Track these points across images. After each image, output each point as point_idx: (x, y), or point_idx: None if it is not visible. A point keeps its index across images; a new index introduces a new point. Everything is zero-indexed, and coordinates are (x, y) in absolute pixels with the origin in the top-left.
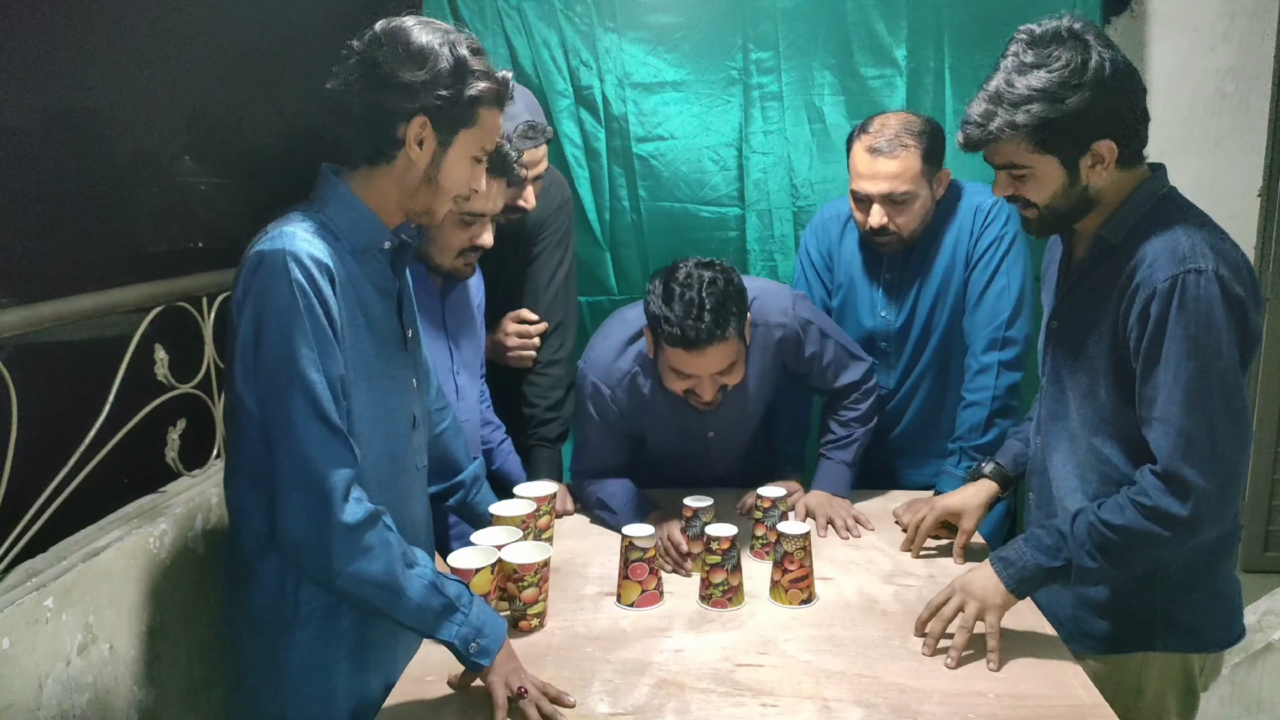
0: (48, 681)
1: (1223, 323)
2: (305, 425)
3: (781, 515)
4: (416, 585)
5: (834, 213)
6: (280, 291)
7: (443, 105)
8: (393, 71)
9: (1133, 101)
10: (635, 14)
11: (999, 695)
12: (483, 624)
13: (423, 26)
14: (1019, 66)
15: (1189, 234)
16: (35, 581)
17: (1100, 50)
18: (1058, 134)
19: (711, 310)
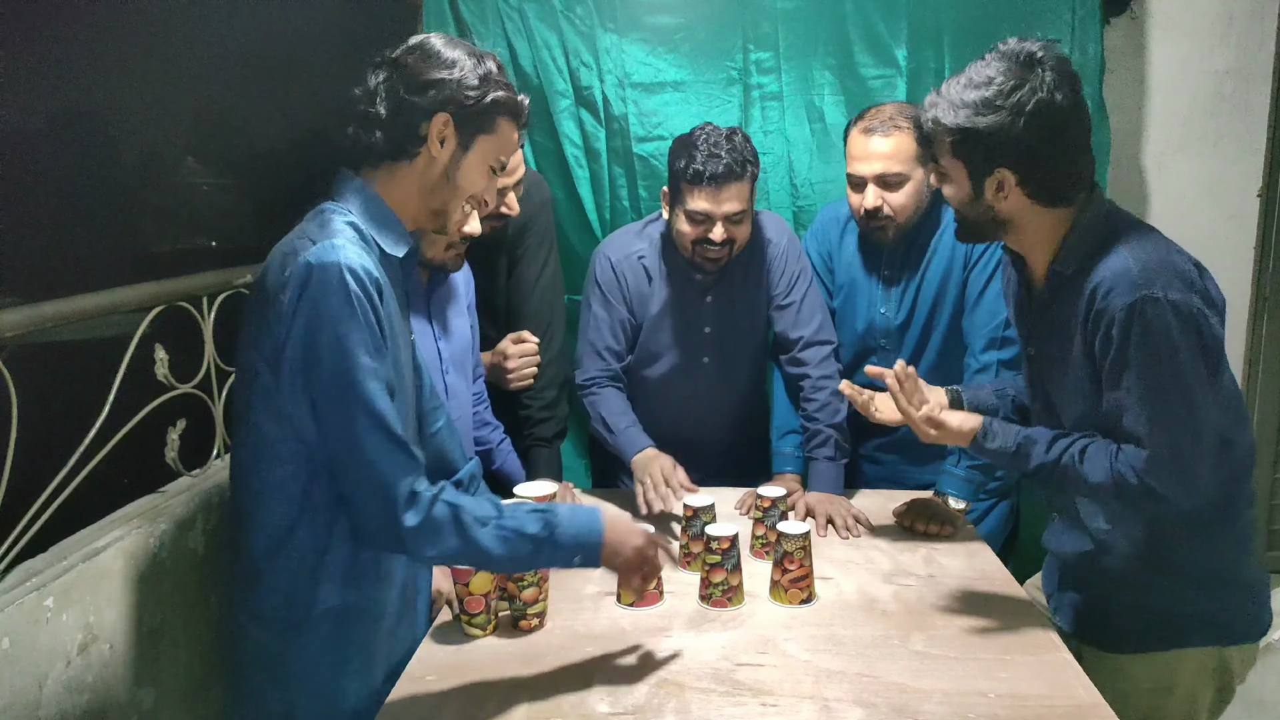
0: (48, 681)
1: (1179, 344)
2: (368, 436)
3: (781, 515)
4: (496, 541)
5: (833, 215)
6: (338, 304)
7: (465, 106)
8: (420, 71)
9: (1050, 142)
10: (635, 14)
11: (999, 695)
12: (575, 536)
13: (445, 39)
14: (973, 73)
15: (1138, 257)
16: (35, 581)
17: (1041, 85)
18: (967, 146)
19: (730, 151)
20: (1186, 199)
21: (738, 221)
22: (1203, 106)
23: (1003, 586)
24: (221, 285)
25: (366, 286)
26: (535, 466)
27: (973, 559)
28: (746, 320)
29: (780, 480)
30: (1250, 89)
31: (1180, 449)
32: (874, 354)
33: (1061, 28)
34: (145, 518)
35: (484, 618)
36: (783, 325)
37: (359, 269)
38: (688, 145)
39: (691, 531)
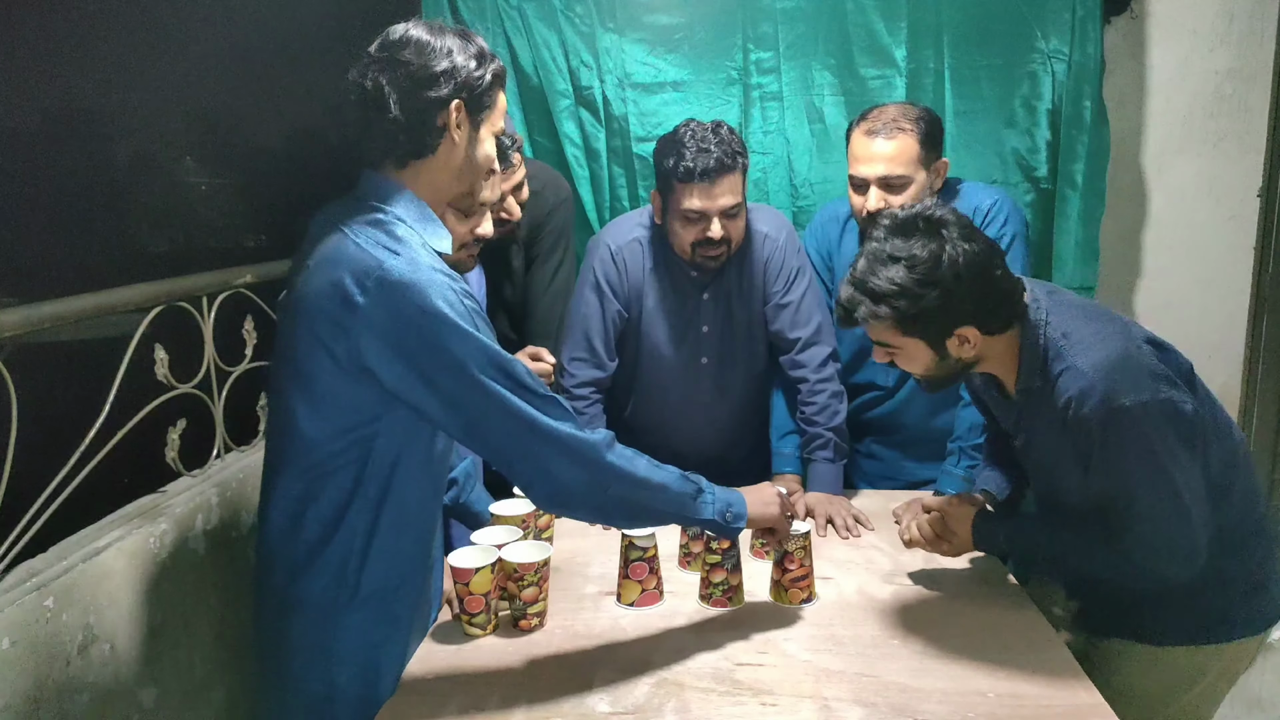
0: (48, 681)
1: (1155, 440)
2: (522, 396)
3: None
4: (673, 477)
5: (832, 214)
6: (446, 308)
7: (472, 89)
8: (424, 67)
9: (989, 287)
10: (635, 14)
11: (999, 695)
12: (728, 496)
13: (429, 27)
14: (880, 256)
15: (1094, 365)
16: (35, 581)
17: (955, 242)
18: (918, 324)
19: (719, 144)
20: (1186, 199)
21: (733, 215)
22: (1203, 106)
23: (1002, 586)
24: (221, 285)
25: (458, 287)
26: None
27: (973, 559)
28: (745, 319)
29: (780, 481)
30: (1250, 89)
31: (1167, 531)
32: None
33: (1061, 28)
34: (145, 518)
35: (484, 617)
36: (780, 324)
37: (446, 274)
38: (674, 143)
39: (691, 532)
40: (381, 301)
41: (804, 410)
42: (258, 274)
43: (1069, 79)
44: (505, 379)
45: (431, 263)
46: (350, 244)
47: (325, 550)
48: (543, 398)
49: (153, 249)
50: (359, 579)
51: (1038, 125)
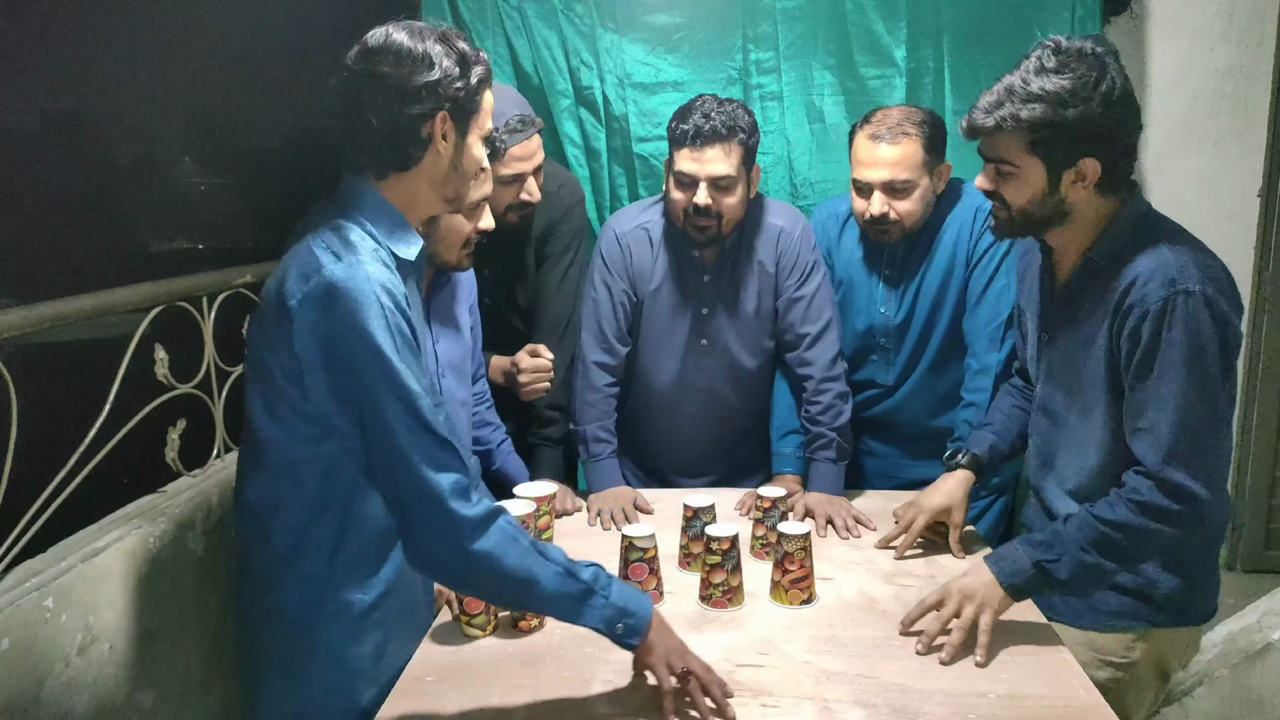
0: (47, 682)
1: (1210, 340)
2: (412, 438)
3: (782, 515)
4: (549, 573)
5: (832, 212)
6: (370, 316)
7: (457, 98)
8: (407, 78)
9: (1128, 131)
10: (635, 14)
11: (999, 696)
12: (626, 602)
13: (410, 32)
14: (1038, 69)
15: (1175, 253)
16: (35, 582)
17: (1114, 76)
18: (1052, 139)
19: (722, 115)
20: (1186, 198)
21: (724, 188)
22: (1203, 105)
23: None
24: (221, 285)
25: (397, 300)
26: (539, 467)
27: (972, 558)
28: (750, 308)
29: (780, 481)
30: (1250, 88)
31: (1201, 439)
32: (874, 353)
33: (1061, 27)
34: (145, 518)
35: (484, 618)
36: (791, 318)
37: (387, 284)
38: (684, 110)
39: (691, 532)
40: (312, 305)
41: (808, 409)
42: (258, 274)
43: None
44: (406, 413)
45: (374, 273)
46: (304, 247)
47: (295, 563)
48: (439, 441)
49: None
50: (327, 595)
51: None
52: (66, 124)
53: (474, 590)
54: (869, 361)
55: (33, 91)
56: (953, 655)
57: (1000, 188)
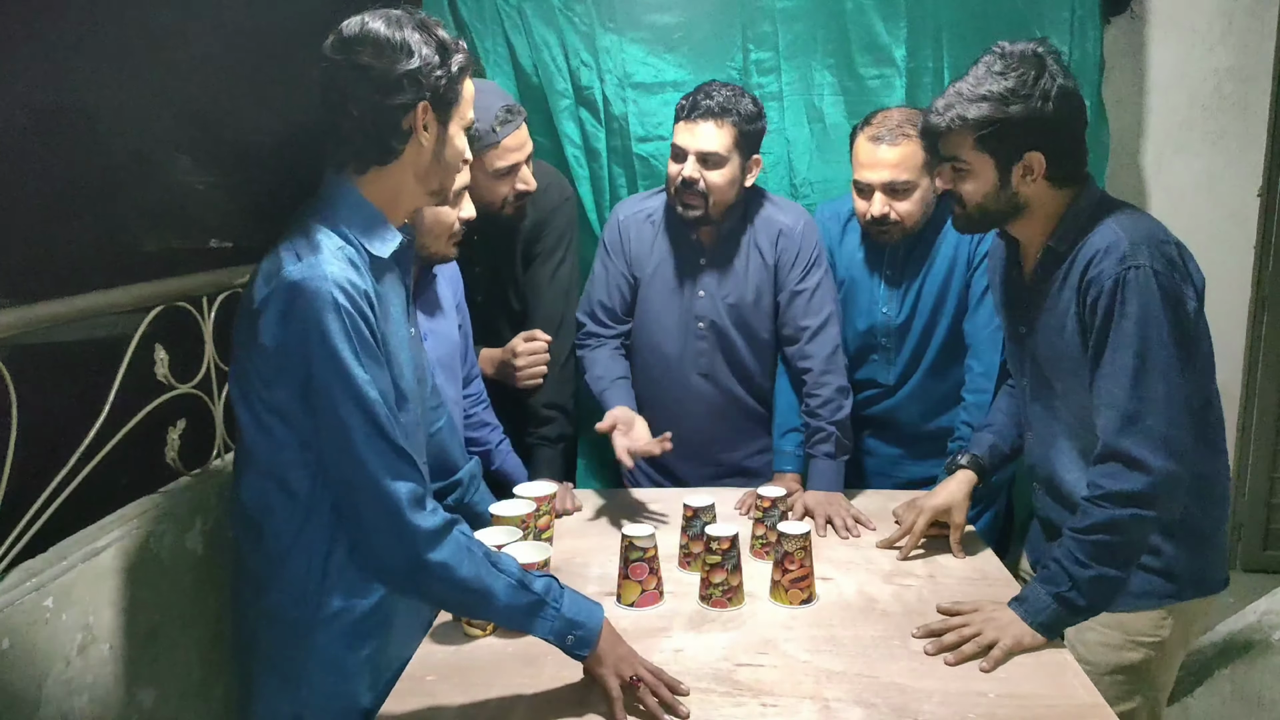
0: (47, 682)
1: (1160, 313)
2: (368, 444)
3: (781, 515)
4: (502, 585)
5: (833, 212)
6: (327, 318)
7: (438, 87)
8: (387, 68)
9: (1069, 126)
10: (635, 14)
11: (999, 695)
12: (577, 614)
13: (388, 20)
14: (985, 72)
15: (1126, 232)
16: (35, 582)
17: (1053, 74)
18: (997, 135)
19: (722, 96)
20: (1186, 198)
21: (712, 165)
22: (1202, 105)
23: (1002, 587)
24: (221, 285)
25: (356, 300)
26: (537, 466)
27: (972, 559)
28: (750, 299)
29: (780, 480)
30: (1250, 88)
31: (1158, 410)
32: (875, 353)
33: (1061, 27)
34: (145, 518)
35: None
36: (793, 312)
37: (346, 284)
38: (693, 90)
39: (691, 532)
40: (272, 305)
41: (808, 403)
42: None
43: None
44: (363, 419)
45: (334, 271)
46: (274, 250)
47: (287, 565)
48: (395, 450)
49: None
50: (321, 598)
51: None
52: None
53: (426, 599)
54: (870, 361)
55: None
56: (960, 660)
57: (957, 185)
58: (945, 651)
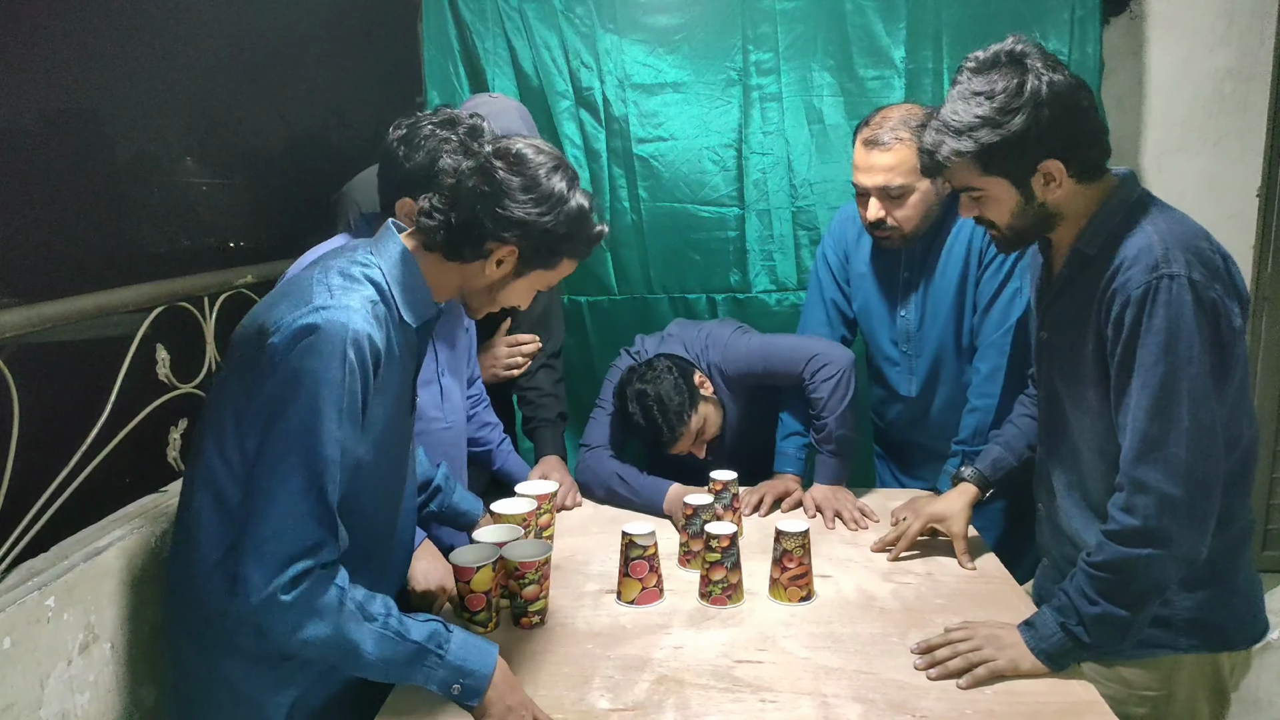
0: (49, 681)
1: (1194, 328)
2: (301, 497)
3: (703, 523)
4: (372, 639)
5: (850, 214)
6: (331, 368)
7: (539, 246)
8: (507, 193)
9: (1076, 119)
10: (635, 15)
11: (996, 692)
12: (464, 662)
13: (549, 160)
14: (964, 94)
15: (1162, 237)
16: (37, 581)
17: (1039, 72)
18: (1001, 157)
19: (662, 416)
20: (1186, 198)
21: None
22: (1202, 106)
23: (1000, 585)
24: (222, 285)
25: (365, 359)
26: (542, 445)
27: (981, 562)
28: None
29: (780, 480)
30: (1250, 88)
31: (1181, 436)
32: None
33: (1061, 28)
34: (146, 517)
35: (485, 615)
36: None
37: (364, 340)
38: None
39: (691, 530)
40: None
41: (811, 407)
42: (259, 274)
43: None
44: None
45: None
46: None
47: (210, 580)
48: (313, 511)
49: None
50: (238, 631)
51: None
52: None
53: (298, 652)
54: (889, 373)
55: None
56: (941, 675)
57: (981, 212)
58: (935, 666)
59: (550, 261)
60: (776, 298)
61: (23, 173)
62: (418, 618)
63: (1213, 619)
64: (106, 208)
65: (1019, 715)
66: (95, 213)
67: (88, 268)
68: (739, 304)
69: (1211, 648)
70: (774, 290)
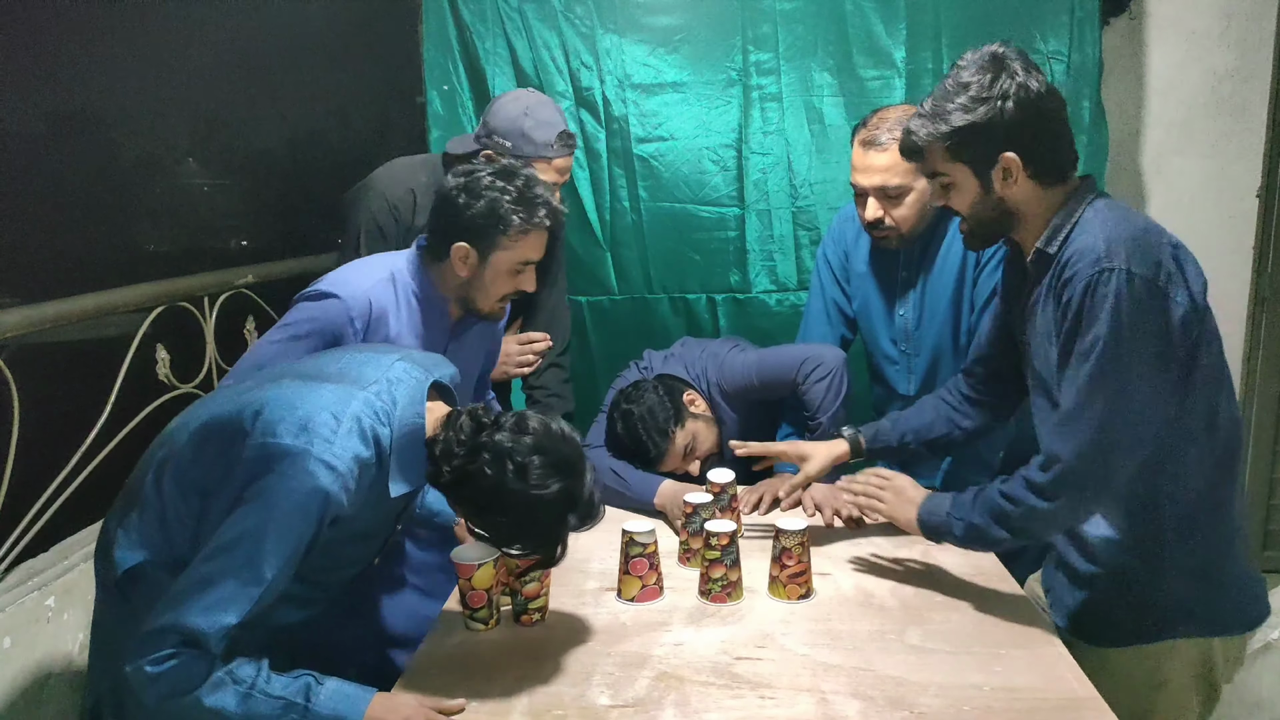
0: (49, 680)
1: (1130, 318)
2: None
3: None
4: (235, 699)
5: (850, 214)
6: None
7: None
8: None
9: (1038, 120)
10: (635, 16)
11: (994, 688)
12: (334, 711)
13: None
14: (946, 87)
15: (1106, 233)
16: (37, 581)
17: (1016, 73)
18: (966, 142)
19: (646, 435)
20: (1185, 200)
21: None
22: (1201, 107)
23: (998, 582)
24: (222, 286)
25: (324, 521)
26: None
27: (968, 555)
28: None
29: (779, 479)
30: (1249, 90)
31: (1096, 417)
32: (894, 363)
33: (1060, 28)
34: None
35: (486, 612)
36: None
37: (334, 504)
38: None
39: (691, 528)
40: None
41: (805, 409)
42: (259, 274)
43: (1068, 80)
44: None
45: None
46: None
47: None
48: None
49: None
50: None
51: None
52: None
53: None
54: (888, 371)
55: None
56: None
57: (947, 199)
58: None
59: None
60: (777, 298)
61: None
62: (292, 675)
63: (1204, 607)
64: (108, 208)
65: (1016, 712)
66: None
67: (88, 268)
68: (739, 304)
69: (1205, 632)
70: (774, 290)
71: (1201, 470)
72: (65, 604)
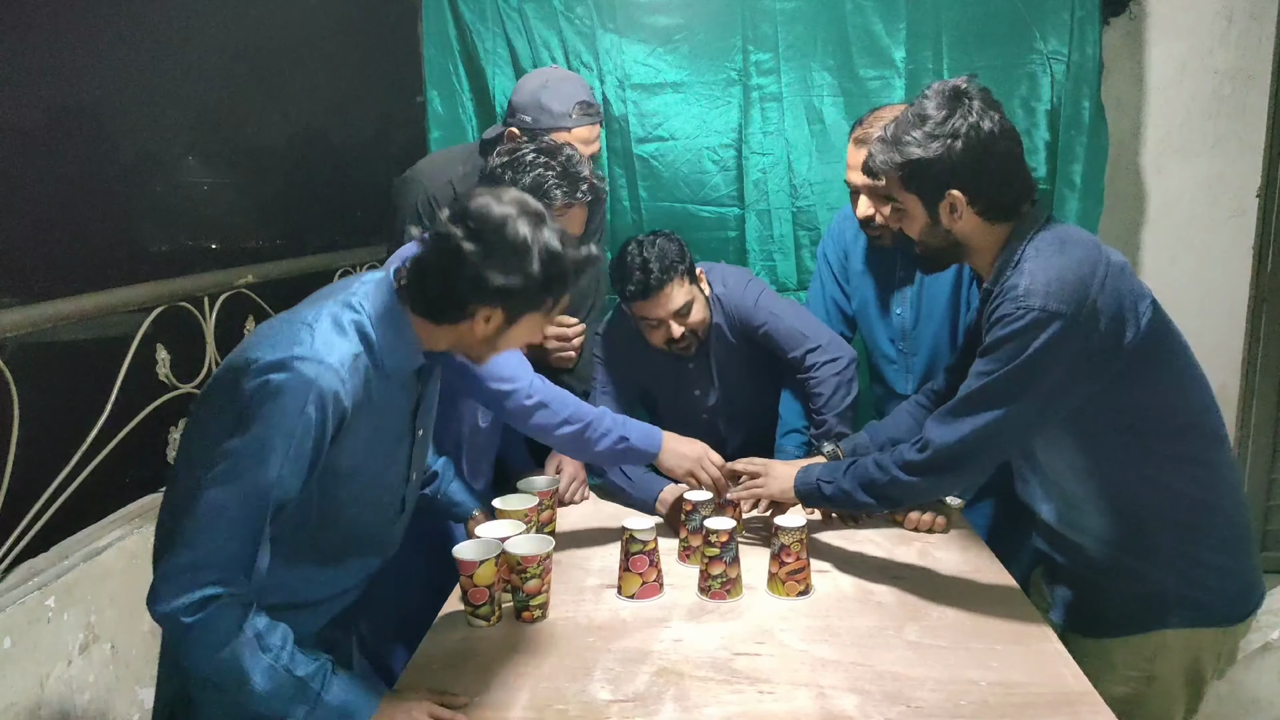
0: (49, 680)
1: (1033, 354)
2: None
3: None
4: (261, 670)
5: (849, 213)
6: (288, 416)
7: (522, 301)
8: (482, 264)
9: (988, 160)
10: (635, 15)
11: (990, 683)
12: (345, 704)
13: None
14: (912, 115)
15: (1034, 273)
16: (37, 581)
17: (970, 112)
18: (916, 175)
19: (654, 261)
20: (1185, 199)
21: (685, 312)
22: (1201, 107)
23: (994, 578)
24: (222, 285)
25: (326, 416)
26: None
27: (966, 552)
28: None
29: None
30: (1249, 89)
31: (966, 421)
32: (892, 361)
33: (1060, 28)
34: (146, 517)
35: (488, 609)
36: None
37: (329, 398)
38: (619, 267)
39: (691, 526)
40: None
41: (813, 403)
42: (258, 274)
43: (1068, 80)
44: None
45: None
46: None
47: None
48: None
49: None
50: None
51: (1036, 126)
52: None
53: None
54: (887, 370)
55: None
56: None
57: (900, 224)
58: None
59: (539, 304)
60: None
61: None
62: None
63: (1200, 597)
64: (107, 207)
65: (1012, 706)
66: (96, 212)
67: (88, 268)
68: None
69: (1195, 623)
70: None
71: (1182, 466)
72: (65, 604)
